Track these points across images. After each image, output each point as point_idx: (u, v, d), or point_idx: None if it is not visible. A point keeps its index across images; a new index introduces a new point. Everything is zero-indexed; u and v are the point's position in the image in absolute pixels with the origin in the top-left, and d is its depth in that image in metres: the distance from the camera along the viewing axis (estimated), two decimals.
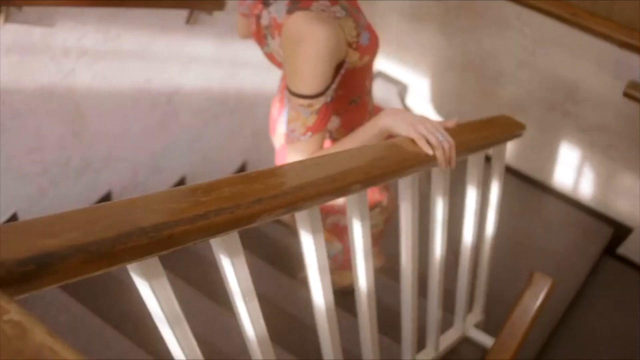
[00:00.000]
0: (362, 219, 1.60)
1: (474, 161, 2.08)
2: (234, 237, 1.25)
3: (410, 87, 3.89)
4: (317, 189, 1.32)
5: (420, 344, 2.57)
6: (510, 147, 3.66)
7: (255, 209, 1.19)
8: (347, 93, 1.87)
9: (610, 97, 3.07)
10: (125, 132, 2.83)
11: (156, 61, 2.75)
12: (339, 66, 1.68)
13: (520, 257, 3.52)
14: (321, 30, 1.58)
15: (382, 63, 3.89)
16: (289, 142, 1.72)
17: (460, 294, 2.57)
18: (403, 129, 1.65)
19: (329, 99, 1.66)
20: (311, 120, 1.65)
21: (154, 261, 1.15)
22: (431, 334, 2.50)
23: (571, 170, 3.59)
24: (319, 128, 1.67)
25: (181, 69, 2.81)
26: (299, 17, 1.62)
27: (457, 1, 3.23)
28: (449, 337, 2.70)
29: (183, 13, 2.70)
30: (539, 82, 3.29)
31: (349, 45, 1.69)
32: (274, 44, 1.79)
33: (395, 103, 3.81)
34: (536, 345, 3.29)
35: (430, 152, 1.62)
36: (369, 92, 1.99)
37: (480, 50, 3.37)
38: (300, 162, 1.39)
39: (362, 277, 1.75)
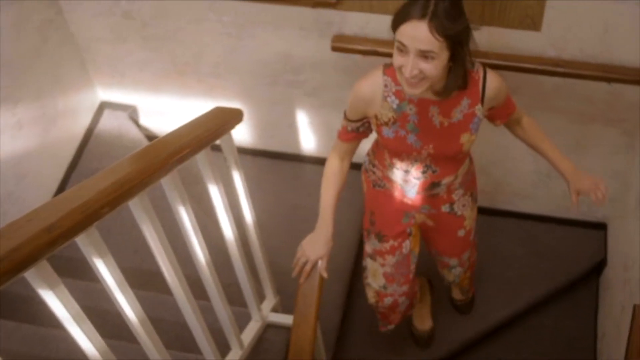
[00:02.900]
0: (103, 256, 1.58)
1: (202, 159, 2.10)
2: None
3: (140, 108, 3.86)
4: (34, 244, 1.29)
5: (227, 348, 2.58)
6: (248, 130, 3.74)
7: None
8: (380, 140, 2.36)
9: (321, 56, 3.20)
10: None
11: None
12: (364, 118, 2.26)
13: (297, 228, 3.58)
14: (358, 84, 2.19)
15: (104, 94, 3.82)
16: None
17: (244, 286, 2.60)
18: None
19: (349, 127, 2.29)
20: (340, 128, 2.33)
21: None
22: (230, 334, 2.51)
23: (311, 133, 3.72)
24: (340, 137, 2.34)
25: None
26: (373, 68, 2.22)
27: (151, 12, 3.23)
28: (251, 331, 2.73)
29: None
30: (256, 62, 3.36)
31: (375, 116, 2.21)
32: None
33: (129, 126, 3.76)
34: (340, 306, 3.40)
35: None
36: (395, 165, 2.40)
37: (189, 50, 3.39)
38: (10, 223, 1.35)
39: (126, 307, 1.73)
